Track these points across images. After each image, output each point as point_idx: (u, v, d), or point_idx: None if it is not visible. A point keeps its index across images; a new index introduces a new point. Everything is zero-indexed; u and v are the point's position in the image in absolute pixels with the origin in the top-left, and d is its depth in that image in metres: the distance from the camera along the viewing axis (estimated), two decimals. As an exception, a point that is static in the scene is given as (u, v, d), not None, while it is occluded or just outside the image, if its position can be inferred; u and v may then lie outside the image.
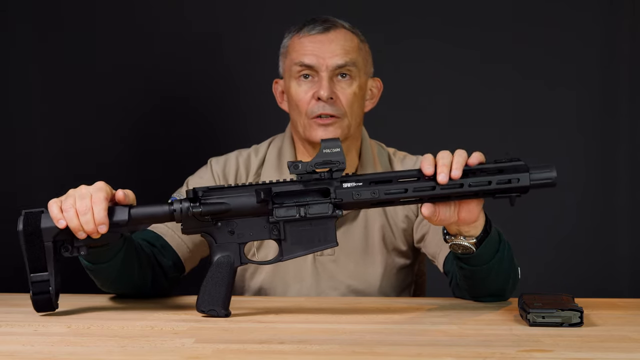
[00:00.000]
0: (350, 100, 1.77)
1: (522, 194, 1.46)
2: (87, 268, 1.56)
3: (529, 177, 1.45)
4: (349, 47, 1.78)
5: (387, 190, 1.45)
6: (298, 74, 1.77)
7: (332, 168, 1.45)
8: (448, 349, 1.20)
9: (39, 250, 1.45)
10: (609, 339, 1.29)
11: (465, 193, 1.45)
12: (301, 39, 1.79)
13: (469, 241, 1.52)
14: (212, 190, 1.47)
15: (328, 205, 1.46)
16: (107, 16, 2.66)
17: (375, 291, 1.82)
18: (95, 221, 1.43)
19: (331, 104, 1.75)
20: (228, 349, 1.21)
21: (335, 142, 1.45)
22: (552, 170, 1.46)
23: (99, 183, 1.47)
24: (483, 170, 1.45)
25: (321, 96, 1.74)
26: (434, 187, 1.44)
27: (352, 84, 1.78)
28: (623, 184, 2.71)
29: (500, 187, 1.45)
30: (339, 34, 1.79)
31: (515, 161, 1.46)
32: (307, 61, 1.76)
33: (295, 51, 1.79)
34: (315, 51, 1.76)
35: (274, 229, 1.48)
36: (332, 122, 1.75)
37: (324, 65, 1.76)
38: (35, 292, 1.45)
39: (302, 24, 1.81)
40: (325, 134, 1.75)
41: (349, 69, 1.77)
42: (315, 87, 1.76)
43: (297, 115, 1.78)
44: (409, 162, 1.89)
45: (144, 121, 2.69)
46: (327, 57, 1.76)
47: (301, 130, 1.79)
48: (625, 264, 2.72)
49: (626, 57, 2.69)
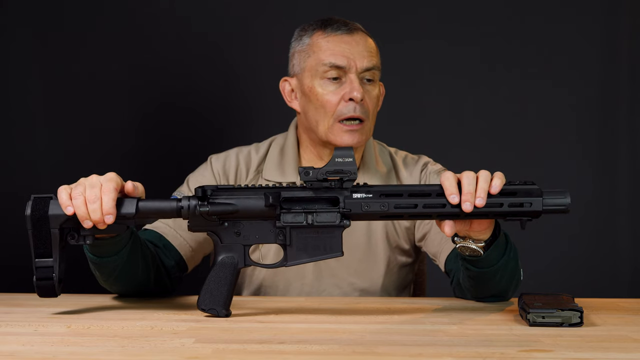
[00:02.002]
0: (375, 104, 1.77)
1: (534, 218, 1.45)
2: (91, 261, 1.56)
3: (542, 202, 1.43)
4: (373, 50, 1.78)
5: (397, 204, 1.44)
6: (326, 74, 1.75)
7: (343, 177, 1.45)
8: (448, 349, 1.20)
9: (45, 236, 1.45)
10: (609, 339, 1.29)
11: (476, 213, 1.44)
12: (327, 37, 1.76)
13: (477, 244, 1.51)
14: (221, 190, 1.47)
15: (336, 214, 1.45)
16: (107, 17, 2.67)
17: (378, 289, 1.82)
18: (103, 211, 1.43)
19: (361, 106, 1.74)
20: (228, 349, 1.21)
21: (348, 152, 1.45)
22: (566, 196, 1.44)
23: (110, 174, 1.47)
24: None
25: (355, 97, 1.72)
26: (444, 205, 1.43)
27: (375, 87, 1.78)
28: (623, 184, 2.72)
29: (512, 210, 1.43)
30: (361, 36, 1.78)
31: (530, 184, 1.45)
32: (339, 62, 1.74)
33: (322, 51, 1.76)
34: (345, 52, 1.74)
35: (280, 233, 1.48)
36: (359, 128, 1.74)
37: (354, 66, 1.74)
38: (39, 277, 1.45)
39: (323, 24, 1.78)
40: (351, 139, 1.74)
41: (374, 73, 1.77)
42: (344, 89, 1.74)
43: (322, 116, 1.75)
44: (410, 161, 1.88)
45: (144, 121, 2.69)
46: (357, 58, 1.74)
47: (322, 132, 1.76)
48: (626, 264, 2.72)
49: (626, 57, 2.69)
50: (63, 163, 2.65)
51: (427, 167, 1.87)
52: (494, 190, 1.43)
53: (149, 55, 2.67)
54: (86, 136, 2.67)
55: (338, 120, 1.74)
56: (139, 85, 2.68)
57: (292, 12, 2.59)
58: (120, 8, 2.67)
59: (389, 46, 2.66)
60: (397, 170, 1.86)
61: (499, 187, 1.43)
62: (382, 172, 1.83)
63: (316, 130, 1.78)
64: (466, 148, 2.63)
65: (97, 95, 2.67)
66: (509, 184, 1.45)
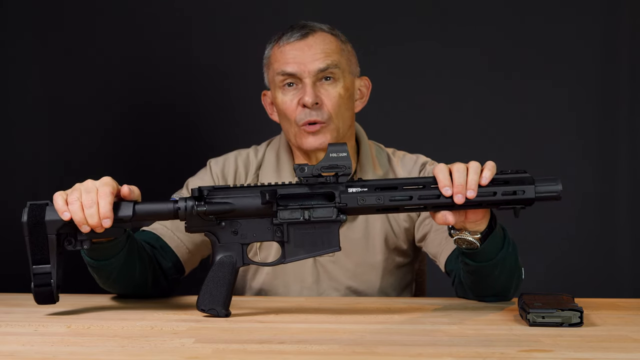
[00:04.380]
0: (337, 103, 1.76)
1: (527, 206, 1.46)
2: (89, 265, 1.56)
3: (535, 189, 1.45)
4: (329, 49, 1.77)
5: (392, 197, 1.45)
6: (282, 83, 1.77)
7: (338, 172, 1.46)
8: (448, 349, 1.20)
9: (42, 243, 1.45)
10: (609, 339, 1.29)
11: (470, 203, 1.45)
12: (281, 48, 1.78)
13: (473, 236, 1.52)
14: (217, 189, 1.47)
15: (332, 209, 1.46)
16: (106, 19, 2.66)
17: (375, 292, 1.82)
18: (100, 215, 1.43)
19: (317, 110, 1.74)
20: (228, 349, 1.21)
21: (342, 147, 1.46)
22: (558, 183, 1.46)
23: (105, 178, 1.48)
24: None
25: (306, 103, 1.73)
26: (438, 196, 1.45)
27: (336, 85, 1.77)
28: (623, 184, 2.72)
29: (505, 199, 1.45)
30: (317, 38, 1.78)
31: (522, 173, 1.46)
32: (289, 69, 1.75)
33: (276, 61, 1.78)
34: (296, 58, 1.75)
35: (278, 230, 1.48)
36: (319, 128, 1.74)
37: (305, 71, 1.75)
38: (37, 284, 1.45)
39: (281, 33, 1.80)
40: (315, 140, 1.74)
41: (331, 72, 1.76)
42: (300, 94, 1.75)
43: (287, 124, 1.78)
44: (408, 161, 1.88)
45: (143, 123, 2.69)
46: (307, 62, 1.75)
47: (293, 139, 1.78)
48: (626, 264, 2.72)
49: (626, 57, 2.69)
50: (63, 163, 2.65)
51: (425, 167, 1.87)
52: (484, 182, 1.45)
53: (150, 56, 2.67)
54: (86, 136, 2.66)
55: (299, 126, 1.75)
56: (139, 86, 2.67)
57: (292, 14, 2.59)
58: (120, 8, 2.67)
59: (390, 46, 2.68)
60: (394, 171, 1.86)
61: (488, 179, 1.45)
62: (379, 176, 1.83)
63: (289, 138, 1.80)
64: (466, 148, 2.62)
65: (97, 95, 2.66)
66: (501, 173, 1.47)
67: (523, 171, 1.47)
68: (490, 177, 1.45)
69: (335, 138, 1.76)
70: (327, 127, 1.75)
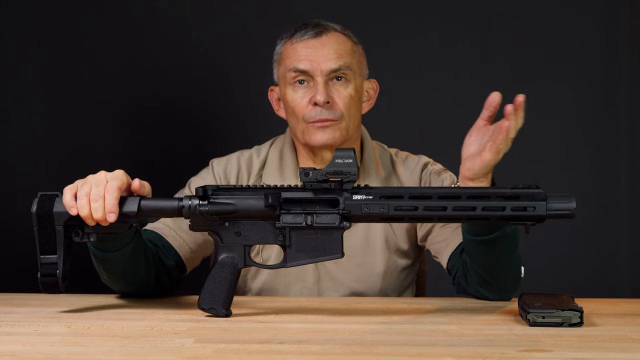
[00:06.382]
0: (347, 103, 1.76)
1: (538, 223, 1.43)
2: (95, 256, 1.56)
3: (546, 206, 1.42)
4: (343, 50, 1.78)
5: (397, 207, 1.44)
6: (293, 80, 1.77)
7: (343, 179, 1.44)
8: (448, 349, 1.20)
9: (50, 233, 1.46)
10: (609, 339, 1.28)
11: (478, 217, 1.43)
12: (294, 44, 1.78)
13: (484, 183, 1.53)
14: (221, 189, 1.47)
15: (336, 216, 1.45)
16: (107, 19, 2.66)
17: (376, 293, 1.82)
18: (105, 209, 1.44)
19: (328, 109, 1.75)
20: (228, 349, 1.21)
21: (349, 153, 1.44)
22: (572, 201, 1.42)
23: (117, 171, 1.49)
24: (499, 195, 1.42)
25: (318, 101, 1.74)
26: (445, 208, 1.42)
27: (347, 86, 1.77)
28: (623, 184, 2.72)
29: (514, 214, 1.42)
30: (331, 37, 1.78)
31: (534, 188, 1.43)
32: (301, 67, 1.76)
33: (289, 57, 1.78)
34: (309, 56, 1.76)
35: (280, 234, 1.47)
36: (330, 124, 1.75)
37: (318, 70, 1.75)
38: (43, 273, 1.47)
39: (294, 30, 1.80)
40: (324, 135, 1.75)
41: (343, 72, 1.77)
42: (311, 92, 1.76)
43: (295, 121, 1.78)
44: (410, 162, 1.88)
45: (144, 122, 2.69)
46: (321, 61, 1.75)
47: (300, 136, 1.78)
48: (626, 264, 2.72)
49: (626, 57, 2.69)
50: (62, 163, 2.65)
51: (427, 167, 1.87)
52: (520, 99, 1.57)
53: (150, 56, 2.67)
54: (86, 137, 2.66)
55: (308, 123, 1.75)
56: (139, 85, 2.68)
57: (294, 14, 2.59)
58: (120, 8, 2.67)
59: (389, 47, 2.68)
60: (397, 172, 1.86)
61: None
62: (382, 177, 1.84)
63: (296, 135, 1.80)
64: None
65: (97, 97, 2.66)
66: (513, 187, 1.44)
67: (536, 186, 1.43)
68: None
69: (344, 137, 1.77)
70: (338, 124, 1.75)
